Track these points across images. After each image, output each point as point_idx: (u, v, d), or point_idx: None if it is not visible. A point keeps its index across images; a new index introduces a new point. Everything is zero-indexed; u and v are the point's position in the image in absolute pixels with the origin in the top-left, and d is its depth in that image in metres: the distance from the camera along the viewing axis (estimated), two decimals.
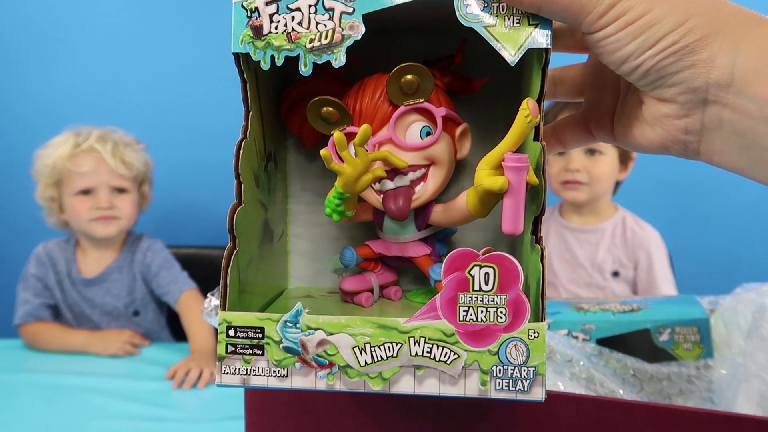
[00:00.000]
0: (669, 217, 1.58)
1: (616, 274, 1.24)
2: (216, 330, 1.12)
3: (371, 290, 0.40)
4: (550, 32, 0.32)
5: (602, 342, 0.57)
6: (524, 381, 0.30)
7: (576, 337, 0.59)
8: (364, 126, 0.34)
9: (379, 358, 0.31)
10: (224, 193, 1.83)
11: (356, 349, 0.31)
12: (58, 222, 1.25)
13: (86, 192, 1.18)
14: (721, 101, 0.29)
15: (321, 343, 0.32)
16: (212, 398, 0.94)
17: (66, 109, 1.60)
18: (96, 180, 1.18)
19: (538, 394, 0.30)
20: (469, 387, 0.31)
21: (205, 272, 1.33)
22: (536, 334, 0.30)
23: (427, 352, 0.31)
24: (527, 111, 0.32)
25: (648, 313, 0.58)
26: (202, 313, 0.48)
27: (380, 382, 0.31)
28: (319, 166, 0.44)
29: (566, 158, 1.21)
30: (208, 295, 0.49)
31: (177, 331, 1.28)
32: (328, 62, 0.34)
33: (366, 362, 0.31)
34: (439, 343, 0.31)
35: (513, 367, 0.30)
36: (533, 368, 0.30)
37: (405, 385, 0.31)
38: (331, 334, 0.32)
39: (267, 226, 0.40)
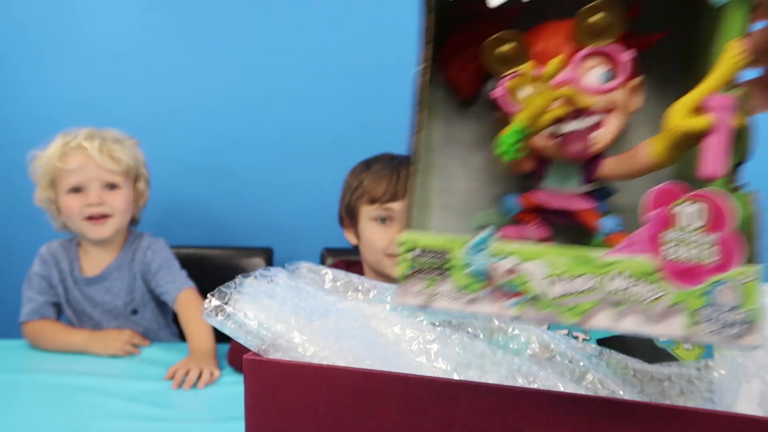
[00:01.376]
0: None
1: None
2: (214, 329, 1.00)
3: None
4: None
5: (603, 342, 0.56)
6: (736, 326, 0.28)
7: (576, 337, 0.58)
8: (556, 58, 0.33)
9: (574, 291, 0.30)
10: (224, 194, 1.66)
11: (549, 279, 0.30)
12: (60, 224, 1.26)
13: (77, 190, 1.19)
14: None
15: (510, 270, 0.30)
16: (212, 398, 0.94)
17: (68, 109, 1.62)
18: (85, 176, 1.18)
19: (753, 341, 0.28)
20: (673, 328, 0.29)
21: (204, 272, 1.33)
22: (750, 278, 0.28)
23: (628, 288, 0.29)
24: (737, 50, 0.30)
25: None
26: (203, 313, 0.48)
27: (574, 316, 0.30)
28: (464, 121, 0.43)
29: None
30: (209, 295, 0.48)
31: (179, 332, 1.28)
32: (490, 12, 0.33)
33: (559, 294, 0.30)
34: (641, 280, 0.29)
35: (724, 311, 0.28)
36: (746, 313, 0.28)
37: (602, 321, 0.29)
38: (522, 261, 0.30)
39: (427, 169, 0.39)
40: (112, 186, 1.21)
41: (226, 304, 0.47)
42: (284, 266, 0.54)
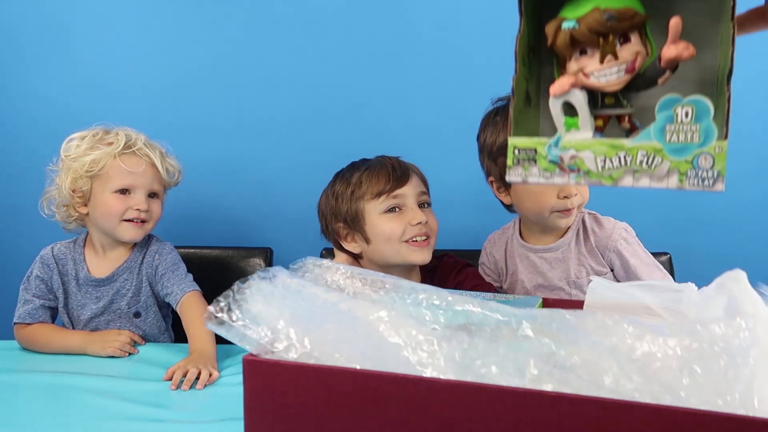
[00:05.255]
0: (669, 217, 1.54)
1: None
2: (215, 335, 1.15)
3: None
4: None
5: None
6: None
7: None
8: None
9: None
10: (224, 194, 1.83)
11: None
12: (66, 214, 1.23)
13: (124, 191, 1.20)
14: None
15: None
16: (211, 399, 0.94)
17: (70, 109, 1.63)
18: (139, 182, 1.20)
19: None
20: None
21: (204, 272, 1.33)
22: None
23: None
24: None
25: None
26: (205, 322, 0.49)
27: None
28: None
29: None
30: (209, 307, 0.50)
31: (179, 337, 1.30)
32: None
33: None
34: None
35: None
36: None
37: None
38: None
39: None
40: (153, 194, 1.24)
41: (227, 311, 0.48)
42: (287, 266, 0.55)
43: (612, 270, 1.15)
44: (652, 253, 1.16)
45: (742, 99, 1.51)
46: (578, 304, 0.63)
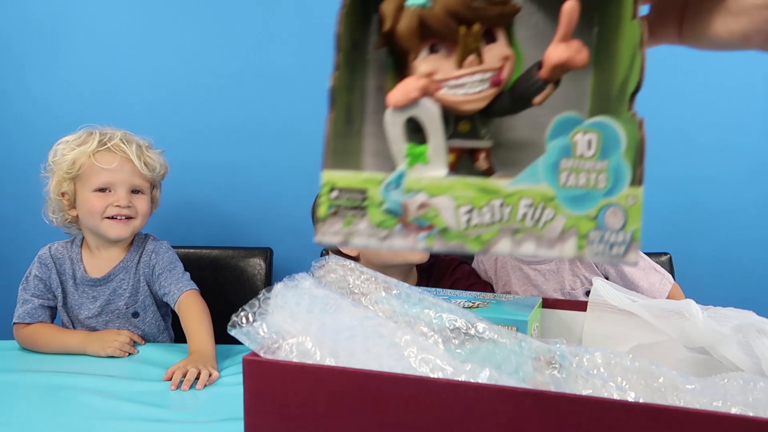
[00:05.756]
0: (669, 218, 1.60)
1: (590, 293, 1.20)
2: (215, 332, 1.17)
3: None
4: None
5: None
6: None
7: None
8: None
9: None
10: (224, 194, 1.69)
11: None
12: (61, 219, 1.24)
13: (104, 189, 1.19)
14: None
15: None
16: (211, 399, 0.94)
17: (68, 110, 1.63)
18: (117, 178, 1.19)
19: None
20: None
21: (204, 272, 1.34)
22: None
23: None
24: None
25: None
26: (229, 327, 0.49)
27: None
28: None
29: None
30: (233, 316, 0.49)
31: (178, 337, 1.29)
32: None
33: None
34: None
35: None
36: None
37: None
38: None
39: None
40: (136, 190, 1.22)
41: (251, 323, 0.48)
42: (287, 267, 0.56)
43: (607, 278, 1.13)
44: (652, 254, 1.15)
45: (742, 99, 1.53)
46: (580, 305, 0.62)
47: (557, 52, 0.33)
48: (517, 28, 0.42)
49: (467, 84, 0.37)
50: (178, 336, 1.29)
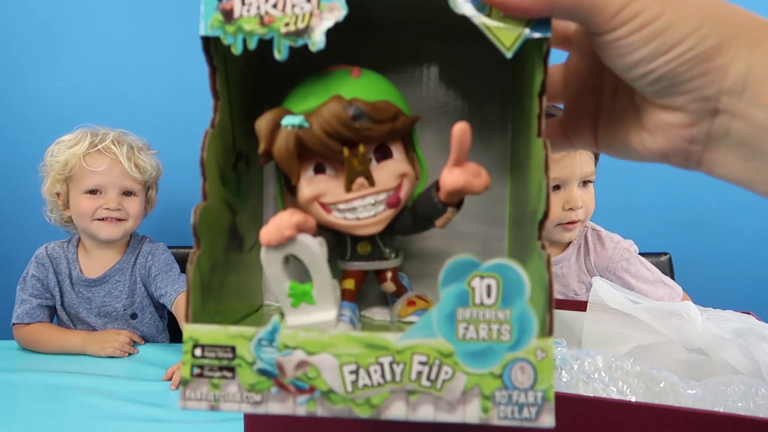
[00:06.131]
0: (669, 218, 1.57)
1: None
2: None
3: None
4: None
5: None
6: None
7: None
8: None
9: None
10: None
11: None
12: (59, 218, 1.24)
13: (94, 191, 1.18)
14: (731, 110, 0.27)
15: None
16: None
17: (68, 109, 1.61)
18: (107, 180, 1.18)
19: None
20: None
21: None
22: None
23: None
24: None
25: None
26: None
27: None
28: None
29: (564, 195, 1.03)
30: None
31: (175, 337, 1.30)
32: None
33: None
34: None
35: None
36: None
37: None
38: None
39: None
40: (128, 193, 1.21)
41: None
42: None
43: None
44: (652, 254, 1.12)
45: None
46: (580, 305, 0.62)
47: (452, 177, 0.29)
48: (420, 132, 0.38)
49: (359, 208, 0.32)
50: (175, 337, 1.29)
